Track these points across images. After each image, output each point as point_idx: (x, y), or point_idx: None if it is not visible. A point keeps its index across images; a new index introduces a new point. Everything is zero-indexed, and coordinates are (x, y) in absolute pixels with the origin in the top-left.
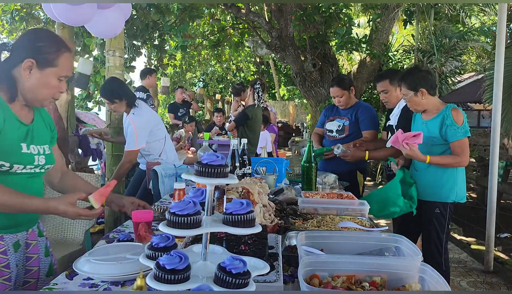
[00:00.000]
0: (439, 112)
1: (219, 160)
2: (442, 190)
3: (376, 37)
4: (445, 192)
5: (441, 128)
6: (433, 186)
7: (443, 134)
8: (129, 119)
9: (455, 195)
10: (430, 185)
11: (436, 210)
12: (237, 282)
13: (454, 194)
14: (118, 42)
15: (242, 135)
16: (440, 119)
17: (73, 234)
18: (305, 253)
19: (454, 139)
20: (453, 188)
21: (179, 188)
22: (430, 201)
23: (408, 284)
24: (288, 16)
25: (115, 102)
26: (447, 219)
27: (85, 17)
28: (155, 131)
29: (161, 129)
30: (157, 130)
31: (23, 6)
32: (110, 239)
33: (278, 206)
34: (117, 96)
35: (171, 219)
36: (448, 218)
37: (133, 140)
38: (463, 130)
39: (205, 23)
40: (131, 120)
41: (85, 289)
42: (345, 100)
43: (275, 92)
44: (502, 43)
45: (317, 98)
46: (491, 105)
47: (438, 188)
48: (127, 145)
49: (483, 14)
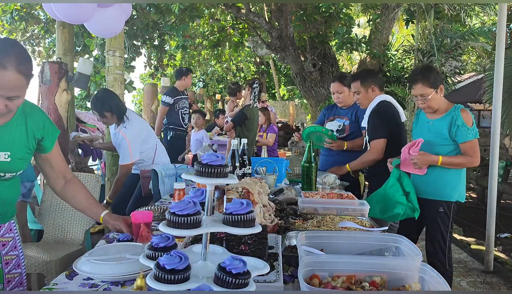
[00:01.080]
0: (447, 112)
1: (219, 160)
2: (446, 189)
3: (376, 37)
4: (449, 191)
5: (450, 129)
6: (437, 185)
7: (453, 134)
8: (121, 133)
9: (458, 194)
10: (434, 183)
11: (440, 209)
12: (237, 282)
13: (458, 193)
14: (118, 42)
15: (240, 135)
16: (449, 120)
17: (73, 234)
18: (305, 253)
19: (465, 140)
20: (456, 187)
21: (179, 188)
22: (434, 200)
23: (408, 284)
24: (288, 16)
25: (105, 115)
26: (451, 218)
27: (85, 15)
28: (147, 139)
29: (151, 136)
30: (148, 138)
31: (23, 6)
32: (110, 239)
33: (278, 206)
34: (107, 109)
35: (171, 219)
36: (451, 217)
37: (127, 154)
38: (473, 131)
39: (205, 23)
40: (124, 135)
41: (85, 289)
42: (344, 97)
43: (275, 92)
44: (502, 44)
45: (317, 98)
46: (492, 105)
47: (442, 186)
48: (122, 160)
49: (483, 14)
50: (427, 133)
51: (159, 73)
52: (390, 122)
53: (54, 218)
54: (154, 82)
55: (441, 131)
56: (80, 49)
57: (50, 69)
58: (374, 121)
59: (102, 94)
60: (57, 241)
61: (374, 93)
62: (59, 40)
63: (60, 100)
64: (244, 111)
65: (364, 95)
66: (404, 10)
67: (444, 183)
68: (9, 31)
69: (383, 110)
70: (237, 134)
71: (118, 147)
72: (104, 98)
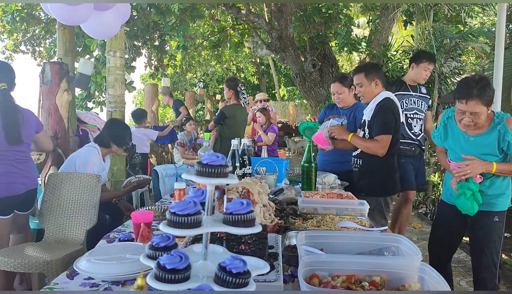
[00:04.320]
0: (490, 126)
1: (219, 160)
2: (500, 198)
3: (376, 37)
4: (503, 200)
5: (499, 144)
6: (493, 196)
7: (504, 148)
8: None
9: (509, 201)
10: (491, 194)
11: (494, 218)
12: (237, 282)
13: (509, 200)
14: (118, 42)
15: (220, 133)
16: (496, 135)
17: (74, 234)
18: (305, 253)
19: None
20: (509, 194)
21: (180, 188)
22: (488, 211)
23: (408, 284)
24: (288, 17)
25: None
26: (503, 228)
27: (81, 17)
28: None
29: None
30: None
31: (24, 6)
32: (110, 239)
33: (278, 206)
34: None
35: (171, 219)
36: (504, 226)
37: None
38: None
39: (205, 24)
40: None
41: (86, 288)
42: (344, 97)
43: (275, 93)
44: (501, 44)
45: (317, 98)
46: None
47: (496, 197)
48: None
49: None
50: (468, 148)
51: (159, 74)
52: (396, 120)
53: (55, 218)
54: (155, 83)
55: (487, 146)
56: (81, 49)
57: (51, 69)
58: (383, 115)
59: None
60: (58, 240)
61: (378, 87)
62: (60, 41)
63: (61, 101)
64: (223, 110)
65: (367, 88)
66: (403, 11)
67: (499, 193)
68: (10, 31)
69: (391, 107)
70: (218, 133)
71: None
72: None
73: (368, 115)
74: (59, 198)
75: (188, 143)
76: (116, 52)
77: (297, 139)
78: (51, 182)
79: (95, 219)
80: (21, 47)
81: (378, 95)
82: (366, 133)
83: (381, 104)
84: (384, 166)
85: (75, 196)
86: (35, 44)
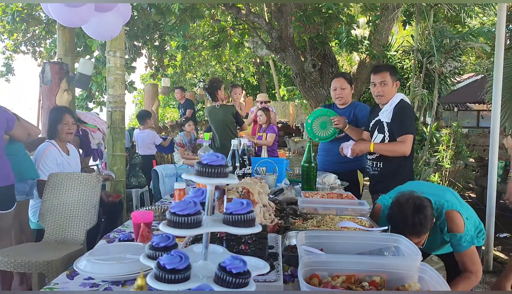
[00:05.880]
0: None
1: (219, 160)
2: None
3: (376, 38)
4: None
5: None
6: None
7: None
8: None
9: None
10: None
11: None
12: (237, 282)
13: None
14: (119, 42)
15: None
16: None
17: (74, 234)
18: (305, 253)
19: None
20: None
21: (180, 188)
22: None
23: (408, 284)
24: (288, 17)
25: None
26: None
27: (82, 19)
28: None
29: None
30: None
31: (24, 7)
32: (110, 239)
33: (278, 206)
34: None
35: (171, 219)
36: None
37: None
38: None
39: (205, 24)
40: None
41: (86, 288)
42: (346, 93)
43: (275, 93)
44: (502, 44)
45: (316, 98)
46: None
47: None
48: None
49: (482, 14)
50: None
51: (159, 74)
52: (416, 120)
53: (55, 218)
54: (155, 83)
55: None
56: (81, 49)
57: (51, 69)
58: (406, 116)
59: None
60: (58, 240)
61: (395, 89)
62: (60, 41)
63: (61, 101)
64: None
65: (389, 88)
66: (403, 11)
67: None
68: (10, 31)
69: (411, 107)
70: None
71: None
72: None
73: (387, 116)
74: (59, 198)
75: (188, 144)
76: (116, 52)
77: (297, 139)
78: (51, 182)
79: (95, 219)
80: (21, 48)
81: (395, 97)
82: (386, 136)
83: (401, 105)
84: (406, 167)
85: (75, 196)
86: (35, 44)
